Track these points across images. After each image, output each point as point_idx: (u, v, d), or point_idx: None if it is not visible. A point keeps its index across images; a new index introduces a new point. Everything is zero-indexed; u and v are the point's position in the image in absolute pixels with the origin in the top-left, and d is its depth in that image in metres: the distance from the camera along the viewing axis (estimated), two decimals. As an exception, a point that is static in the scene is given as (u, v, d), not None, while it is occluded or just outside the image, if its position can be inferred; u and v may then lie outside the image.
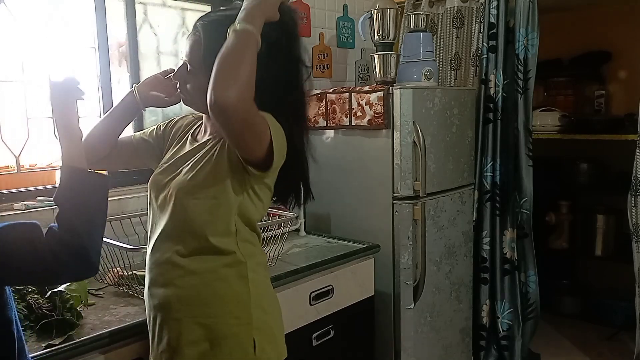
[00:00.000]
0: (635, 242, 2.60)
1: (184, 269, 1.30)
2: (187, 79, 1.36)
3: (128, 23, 2.25)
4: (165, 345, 1.32)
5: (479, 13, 2.85)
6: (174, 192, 1.31)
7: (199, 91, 1.29)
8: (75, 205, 1.12)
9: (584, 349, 3.28)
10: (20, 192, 1.94)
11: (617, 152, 3.32)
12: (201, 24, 1.32)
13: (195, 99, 1.36)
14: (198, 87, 1.31)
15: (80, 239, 1.09)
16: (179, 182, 1.32)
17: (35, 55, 2.00)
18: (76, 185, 1.14)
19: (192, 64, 1.33)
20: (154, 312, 1.36)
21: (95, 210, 1.16)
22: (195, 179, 1.30)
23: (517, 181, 2.84)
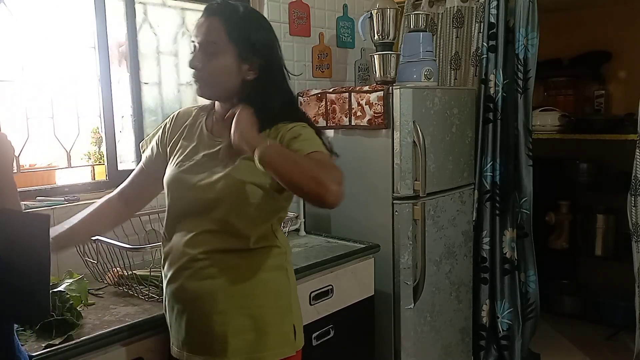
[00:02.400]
0: (635, 242, 2.60)
1: (229, 262, 1.36)
2: (206, 62, 1.34)
3: (128, 23, 2.25)
4: (207, 337, 1.36)
5: (479, 13, 2.85)
6: (222, 197, 1.34)
7: (221, 72, 1.34)
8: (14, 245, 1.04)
9: (584, 349, 3.27)
10: (20, 192, 1.93)
11: (617, 152, 3.32)
12: (216, 8, 1.36)
13: (215, 83, 1.36)
14: (221, 68, 1.34)
15: (21, 279, 1.03)
16: (224, 187, 1.34)
17: (35, 55, 2.00)
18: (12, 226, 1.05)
19: (215, 43, 1.33)
20: (186, 305, 1.38)
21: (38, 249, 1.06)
22: (241, 184, 1.34)
23: (517, 181, 2.84)
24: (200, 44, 1.35)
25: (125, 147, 2.27)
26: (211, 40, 1.33)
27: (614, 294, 3.51)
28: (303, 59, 2.80)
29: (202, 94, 1.39)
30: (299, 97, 2.65)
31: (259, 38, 1.37)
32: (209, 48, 1.33)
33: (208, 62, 1.34)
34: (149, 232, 2.13)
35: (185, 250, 1.38)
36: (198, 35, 1.35)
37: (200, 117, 1.49)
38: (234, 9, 1.36)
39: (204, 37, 1.34)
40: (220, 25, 1.33)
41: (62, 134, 2.08)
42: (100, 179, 2.18)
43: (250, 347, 1.36)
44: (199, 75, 1.35)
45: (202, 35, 1.34)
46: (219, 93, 1.39)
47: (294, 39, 2.74)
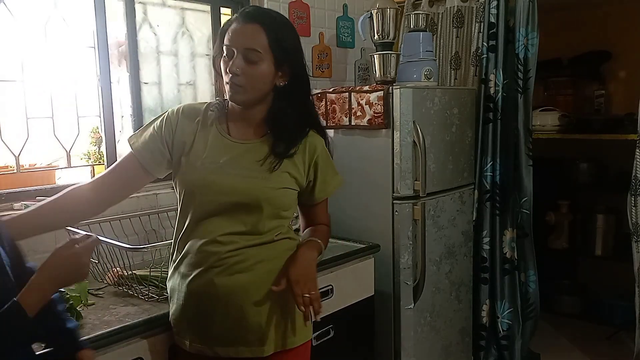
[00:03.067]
0: (635, 242, 2.60)
1: (258, 256, 1.42)
2: (247, 69, 1.35)
3: (128, 23, 2.25)
4: (241, 329, 1.40)
5: (479, 13, 2.85)
6: (259, 203, 1.39)
7: (260, 80, 1.37)
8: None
9: (583, 348, 3.27)
10: (20, 192, 1.94)
11: (617, 152, 3.32)
12: (255, 14, 1.37)
13: (252, 90, 1.38)
14: (260, 76, 1.37)
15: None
16: (263, 194, 1.40)
17: (35, 55, 1.99)
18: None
19: (257, 51, 1.34)
20: (217, 300, 1.40)
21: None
22: (279, 191, 1.42)
23: (517, 181, 2.84)
24: (239, 50, 1.35)
25: (125, 147, 2.26)
26: (252, 47, 1.34)
27: (614, 294, 3.51)
28: (303, 58, 2.80)
29: (236, 99, 1.40)
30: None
31: (292, 45, 1.41)
32: (250, 55, 1.35)
33: (248, 69, 1.35)
34: (149, 232, 2.13)
35: (211, 249, 1.39)
36: (237, 41, 1.35)
37: (210, 115, 1.47)
38: (271, 15, 1.40)
39: (244, 44, 1.35)
40: (261, 33, 1.35)
41: (62, 134, 2.08)
42: (100, 179, 2.17)
43: (283, 333, 1.44)
44: (237, 82, 1.36)
45: (242, 42, 1.35)
46: (252, 99, 1.41)
47: (294, 38, 2.74)
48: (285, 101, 1.43)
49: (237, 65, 1.34)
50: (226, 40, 1.37)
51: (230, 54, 1.36)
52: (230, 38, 1.36)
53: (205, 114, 1.48)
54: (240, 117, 1.45)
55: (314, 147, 1.48)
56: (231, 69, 1.35)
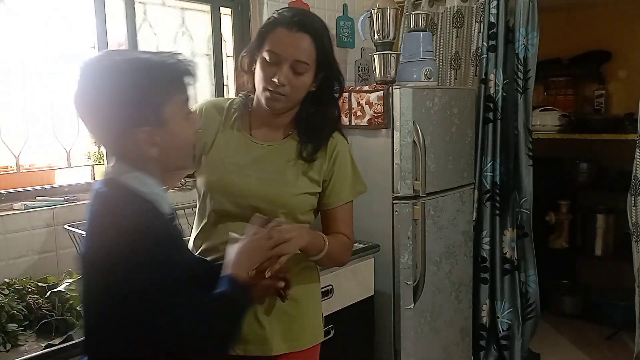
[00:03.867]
0: (635, 242, 2.60)
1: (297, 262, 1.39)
2: (293, 80, 1.32)
3: (128, 23, 2.25)
4: (253, 328, 1.39)
5: (478, 12, 2.85)
6: (280, 208, 1.37)
7: (302, 90, 1.36)
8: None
9: (584, 348, 3.27)
10: (20, 192, 1.94)
11: (617, 152, 3.32)
12: (306, 24, 1.33)
13: (293, 100, 1.36)
14: (303, 86, 1.35)
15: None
16: (284, 199, 1.38)
17: (36, 55, 1.99)
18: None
19: (305, 63, 1.32)
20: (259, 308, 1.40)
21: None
22: (296, 195, 1.39)
23: (516, 181, 2.84)
24: (288, 60, 1.31)
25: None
26: (302, 60, 1.32)
27: (614, 294, 3.51)
28: (303, 58, 2.80)
29: (275, 107, 1.36)
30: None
31: (331, 53, 1.39)
32: (299, 67, 1.32)
33: (294, 80, 1.32)
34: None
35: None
36: (287, 50, 1.31)
37: (232, 114, 1.44)
38: (317, 23, 1.36)
39: (295, 55, 1.31)
40: (311, 45, 1.32)
41: (62, 134, 2.08)
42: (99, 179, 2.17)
43: (293, 334, 1.45)
44: (282, 92, 1.32)
45: (292, 53, 1.31)
46: (289, 107, 1.39)
47: (293, 38, 2.74)
48: (314, 105, 1.41)
49: (284, 75, 1.30)
50: (272, 46, 1.32)
51: (277, 62, 1.31)
52: (278, 45, 1.31)
53: (228, 111, 1.45)
54: (264, 118, 1.41)
55: (337, 151, 1.44)
56: (279, 79, 1.30)
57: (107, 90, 1.00)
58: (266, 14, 2.61)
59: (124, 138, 1.02)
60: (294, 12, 1.35)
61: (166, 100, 1.03)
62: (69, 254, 1.89)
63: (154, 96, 1.01)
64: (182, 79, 1.06)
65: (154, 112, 1.01)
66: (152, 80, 1.01)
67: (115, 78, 1.00)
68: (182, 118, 1.06)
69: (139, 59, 1.04)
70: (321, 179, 1.43)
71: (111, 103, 1.00)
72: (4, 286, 1.60)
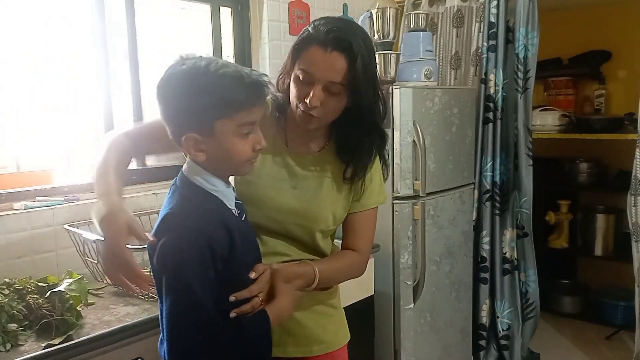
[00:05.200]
0: (635, 242, 2.60)
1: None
2: (326, 102, 1.25)
3: (128, 23, 2.25)
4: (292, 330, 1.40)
5: (479, 12, 2.85)
6: (311, 222, 1.35)
7: (337, 111, 1.29)
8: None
9: (583, 348, 3.27)
10: (20, 192, 1.94)
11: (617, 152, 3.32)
12: (344, 44, 1.22)
13: (327, 120, 1.31)
14: (338, 107, 1.28)
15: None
16: (312, 212, 1.34)
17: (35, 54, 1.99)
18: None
19: (340, 84, 1.24)
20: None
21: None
22: (332, 210, 1.37)
23: (516, 180, 2.84)
24: (322, 82, 1.24)
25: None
26: (336, 81, 1.23)
27: (614, 293, 3.51)
28: (303, 58, 2.80)
29: (307, 128, 1.31)
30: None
31: (372, 72, 1.29)
32: (333, 89, 1.24)
33: (328, 101, 1.26)
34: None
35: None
36: (320, 71, 1.23)
37: (270, 122, 1.37)
38: (357, 44, 1.24)
39: (329, 77, 1.23)
40: (346, 65, 1.23)
41: (62, 134, 2.08)
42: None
43: (330, 335, 1.47)
44: (315, 114, 1.26)
45: (326, 75, 1.23)
46: (322, 126, 1.34)
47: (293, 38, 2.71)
48: (352, 124, 1.32)
49: (318, 97, 1.24)
50: (306, 65, 1.25)
51: (310, 82, 1.25)
52: (312, 66, 1.24)
53: (269, 119, 1.38)
54: (300, 131, 1.35)
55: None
56: (312, 101, 1.24)
57: (175, 92, 1.08)
58: (266, 13, 2.62)
59: (180, 139, 1.10)
60: (329, 28, 1.24)
61: (221, 116, 1.07)
62: (69, 254, 1.89)
63: (211, 109, 1.06)
64: (245, 101, 1.08)
65: (206, 123, 1.08)
66: (212, 95, 1.06)
67: (187, 82, 1.07)
68: (234, 135, 1.10)
69: (215, 71, 1.07)
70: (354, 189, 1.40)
71: (175, 104, 1.09)
72: (4, 286, 1.60)
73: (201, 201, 1.13)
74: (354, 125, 1.33)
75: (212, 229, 1.09)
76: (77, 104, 2.12)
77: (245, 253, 1.17)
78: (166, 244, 1.08)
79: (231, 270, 1.12)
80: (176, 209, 1.11)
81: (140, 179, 2.27)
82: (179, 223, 1.09)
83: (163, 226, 1.11)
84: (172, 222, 1.10)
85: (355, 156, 1.35)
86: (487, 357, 2.93)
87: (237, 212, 1.20)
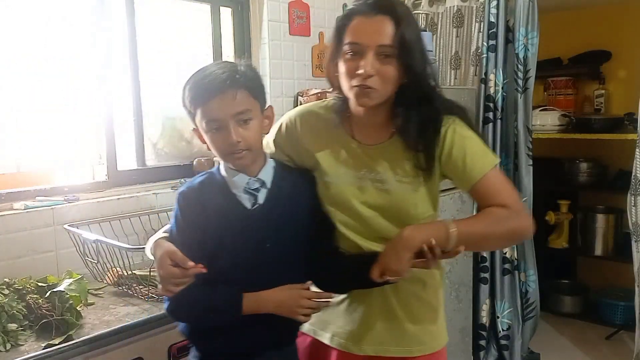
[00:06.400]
0: (635, 242, 2.60)
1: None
2: (379, 68, 1.19)
3: (128, 23, 2.25)
4: (394, 329, 1.37)
5: (478, 12, 2.85)
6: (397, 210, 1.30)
7: (392, 78, 1.22)
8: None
9: (583, 348, 3.27)
10: (20, 191, 1.94)
11: (617, 152, 3.33)
12: (384, 5, 1.20)
13: (384, 91, 1.22)
14: (393, 73, 1.21)
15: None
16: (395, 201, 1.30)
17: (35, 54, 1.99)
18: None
19: (390, 46, 1.18)
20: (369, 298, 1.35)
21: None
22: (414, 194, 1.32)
23: (516, 180, 2.84)
24: (371, 47, 1.18)
25: (125, 147, 2.26)
26: (386, 44, 1.18)
27: (613, 293, 3.51)
28: (303, 58, 2.80)
29: (367, 104, 1.24)
30: (299, 97, 2.65)
31: (417, 35, 1.23)
32: (384, 51, 1.19)
33: (382, 69, 1.19)
34: (149, 232, 2.13)
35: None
36: (368, 36, 1.19)
37: (331, 119, 1.34)
38: (400, 6, 1.22)
39: (377, 40, 1.18)
40: (391, 25, 1.18)
41: (62, 134, 2.08)
42: (99, 179, 2.17)
43: (430, 335, 1.42)
44: (371, 84, 1.20)
45: (374, 38, 1.18)
46: (380, 101, 1.25)
47: (293, 38, 2.74)
48: (409, 98, 1.26)
49: (371, 64, 1.18)
50: (352, 37, 1.20)
51: (359, 52, 1.19)
52: (358, 34, 1.20)
53: (326, 117, 1.35)
54: (363, 119, 1.31)
55: (444, 137, 1.29)
56: (365, 69, 1.17)
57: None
58: (266, 13, 2.62)
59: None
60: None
61: (193, 112, 1.21)
62: (69, 254, 1.89)
63: (187, 104, 1.22)
64: (197, 100, 1.19)
65: (191, 118, 1.24)
66: (191, 90, 1.20)
67: (190, 78, 1.22)
68: (206, 130, 1.20)
69: (199, 70, 1.21)
70: (439, 169, 1.32)
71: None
72: (4, 286, 1.60)
73: (200, 179, 1.28)
74: (412, 99, 1.26)
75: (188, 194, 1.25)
76: (77, 104, 2.11)
77: (222, 233, 1.23)
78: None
79: (203, 243, 1.22)
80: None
81: (140, 179, 2.27)
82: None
83: None
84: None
85: (418, 138, 1.27)
86: (487, 357, 2.93)
87: (251, 200, 1.24)
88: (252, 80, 1.21)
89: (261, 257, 1.24)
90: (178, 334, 1.60)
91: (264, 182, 1.25)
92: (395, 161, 1.30)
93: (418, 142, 1.27)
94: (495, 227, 1.24)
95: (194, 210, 1.23)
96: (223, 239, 1.22)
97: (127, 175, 2.23)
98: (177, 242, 1.21)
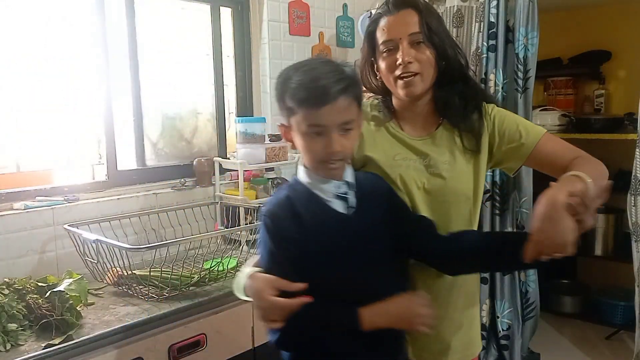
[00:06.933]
0: (635, 242, 2.60)
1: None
2: (415, 55, 1.28)
3: (128, 23, 2.25)
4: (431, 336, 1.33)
5: (478, 12, 2.85)
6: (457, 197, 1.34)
7: (429, 62, 1.30)
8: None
9: (583, 348, 3.27)
10: (20, 191, 1.94)
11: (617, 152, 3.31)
12: (407, 2, 1.30)
13: (425, 77, 1.30)
14: (428, 58, 1.29)
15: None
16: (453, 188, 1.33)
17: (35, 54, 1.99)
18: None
19: (419, 33, 1.28)
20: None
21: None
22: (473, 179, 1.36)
23: (516, 180, 2.84)
24: (404, 38, 1.28)
25: (124, 147, 2.27)
26: (416, 31, 1.28)
27: (613, 293, 3.51)
28: (303, 58, 2.76)
29: (414, 92, 1.30)
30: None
31: (442, 26, 1.34)
32: (416, 39, 1.28)
33: (418, 55, 1.28)
34: (149, 232, 2.13)
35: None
36: (398, 30, 1.28)
37: (378, 116, 1.40)
38: (421, 1, 1.33)
39: (407, 31, 1.28)
40: (416, 16, 1.29)
41: (62, 134, 2.08)
42: (99, 179, 2.17)
43: (464, 344, 1.44)
44: (413, 69, 1.28)
45: (404, 30, 1.28)
46: (425, 89, 1.32)
47: (293, 38, 2.74)
48: (448, 82, 1.35)
49: (408, 52, 1.27)
50: (384, 35, 1.30)
51: (394, 47, 1.29)
52: (388, 31, 1.30)
53: (374, 116, 1.41)
54: (409, 113, 1.37)
55: (492, 116, 1.38)
56: (404, 58, 1.27)
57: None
58: (266, 13, 2.62)
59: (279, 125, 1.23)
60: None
61: (295, 112, 1.14)
62: (69, 254, 1.89)
63: (289, 102, 1.14)
64: (316, 101, 1.10)
65: (286, 114, 1.17)
66: (298, 89, 1.12)
67: (283, 72, 1.17)
68: (304, 132, 1.14)
69: (300, 67, 1.15)
70: (487, 148, 1.36)
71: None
72: (4, 286, 1.60)
73: (283, 192, 1.22)
74: (450, 82, 1.35)
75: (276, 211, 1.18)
76: (77, 104, 2.11)
77: (324, 243, 1.17)
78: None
79: (304, 256, 1.15)
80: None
81: (140, 179, 2.27)
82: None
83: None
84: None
85: (462, 120, 1.35)
86: (487, 357, 2.93)
87: (343, 204, 1.18)
88: (359, 88, 1.19)
89: (366, 260, 1.20)
90: (178, 334, 1.62)
91: (351, 184, 1.21)
92: (445, 147, 1.35)
93: (464, 121, 1.34)
94: (600, 173, 1.23)
95: (289, 225, 1.16)
96: (325, 249, 1.17)
97: (127, 175, 2.24)
98: (272, 269, 1.15)
